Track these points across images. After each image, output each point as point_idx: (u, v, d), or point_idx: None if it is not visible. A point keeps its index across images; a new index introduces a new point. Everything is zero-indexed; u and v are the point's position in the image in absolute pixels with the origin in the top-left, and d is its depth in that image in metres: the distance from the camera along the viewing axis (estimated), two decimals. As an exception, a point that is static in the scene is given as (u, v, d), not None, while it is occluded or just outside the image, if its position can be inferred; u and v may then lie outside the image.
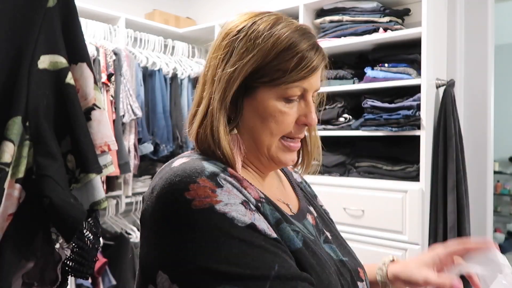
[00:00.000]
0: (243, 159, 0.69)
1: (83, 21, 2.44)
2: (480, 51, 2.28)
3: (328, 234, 0.75)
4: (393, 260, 0.81)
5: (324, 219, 0.80)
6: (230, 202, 0.55)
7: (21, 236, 0.42)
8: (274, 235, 0.57)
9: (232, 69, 0.63)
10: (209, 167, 0.59)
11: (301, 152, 0.77)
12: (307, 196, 0.84)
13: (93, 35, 2.47)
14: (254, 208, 0.59)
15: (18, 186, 0.41)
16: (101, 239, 1.79)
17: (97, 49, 2.34)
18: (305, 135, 0.75)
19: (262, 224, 0.57)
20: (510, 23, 4.36)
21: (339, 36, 2.26)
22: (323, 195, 2.02)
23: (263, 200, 0.63)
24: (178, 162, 0.62)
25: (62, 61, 0.45)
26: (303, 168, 0.79)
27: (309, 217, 0.74)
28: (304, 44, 0.63)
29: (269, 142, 0.67)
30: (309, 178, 2.24)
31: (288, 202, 0.75)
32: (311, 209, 0.79)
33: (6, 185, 0.40)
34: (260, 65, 0.63)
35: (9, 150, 0.40)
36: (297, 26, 0.65)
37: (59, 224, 0.43)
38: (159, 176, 0.60)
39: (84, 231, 0.64)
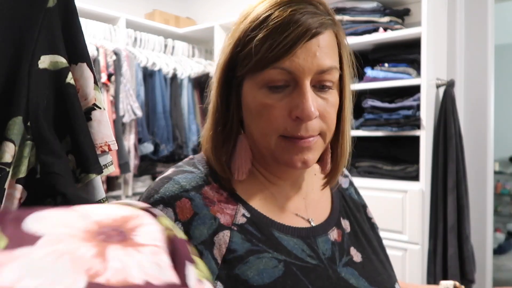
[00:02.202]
0: (253, 163, 0.63)
1: (83, 21, 2.44)
2: (480, 51, 2.28)
3: (356, 256, 0.65)
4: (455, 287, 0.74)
5: (358, 236, 0.69)
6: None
7: (22, 236, 0.42)
8: None
9: (220, 61, 0.60)
10: (168, 189, 0.57)
11: (326, 157, 0.65)
12: (347, 207, 0.73)
13: (93, 35, 2.47)
14: None
15: (19, 186, 0.41)
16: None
17: (97, 49, 2.34)
18: (338, 140, 0.63)
19: None
20: (510, 23, 4.36)
21: (339, 36, 2.26)
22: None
23: (235, 228, 0.57)
24: (163, 173, 0.62)
25: (62, 61, 0.45)
26: (327, 180, 0.66)
27: (333, 232, 0.65)
28: (277, 14, 0.53)
29: (265, 142, 0.58)
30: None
31: (310, 215, 0.65)
32: (345, 222, 0.69)
33: (6, 185, 0.40)
34: (236, 52, 0.57)
35: (10, 150, 0.41)
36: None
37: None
38: None
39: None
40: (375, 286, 0.62)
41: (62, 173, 0.42)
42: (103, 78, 2.34)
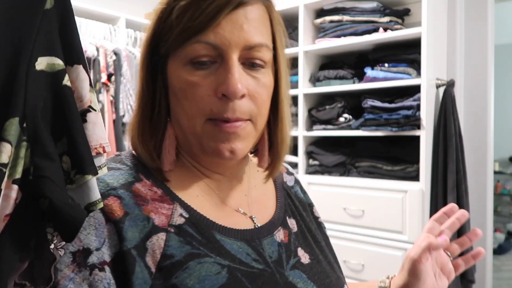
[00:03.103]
0: (183, 154, 0.58)
1: (83, 21, 2.44)
2: (480, 51, 2.28)
3: (304, 257, 0.60)
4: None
5: (306, 236, 0.64)
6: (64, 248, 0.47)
7: (18, 236, 0.42)
8: None
9: (144, 38, 0.55)
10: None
11: (262, 149, 0.60)
12: (293, 205, 0.68)
13: (93, 35, 2.48)
14: (93, 262, 0.46)
15: (15, 187, 0.41)
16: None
17: (97, 49, 2.34)
18: (277, 125, 0.58)
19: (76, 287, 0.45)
20: (510, 23, 4.36)
21: (339, 36, 2.26)
22: (323, 195, 2.02)
23: (172, 230, 0.51)
24: None
25: (59, 63, 0.45)
26: (269, 171, 0.62)
27: (279, 233, 0.60)
28: None
29: (191, 127, 0.53)
30: (308, 178, 2.23)
31: (254, 213, 0.60)
32: (291, 222, 0.64)
33: (3, 185, 0.40)
34: (159, 25, 0.53)
35: (6, 150, 0.41)
36: None
37: (59, 225, 0.44)
38: None
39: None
40: None
41: (52, 177, 0.42)
42: (103, 78, 2.34)
